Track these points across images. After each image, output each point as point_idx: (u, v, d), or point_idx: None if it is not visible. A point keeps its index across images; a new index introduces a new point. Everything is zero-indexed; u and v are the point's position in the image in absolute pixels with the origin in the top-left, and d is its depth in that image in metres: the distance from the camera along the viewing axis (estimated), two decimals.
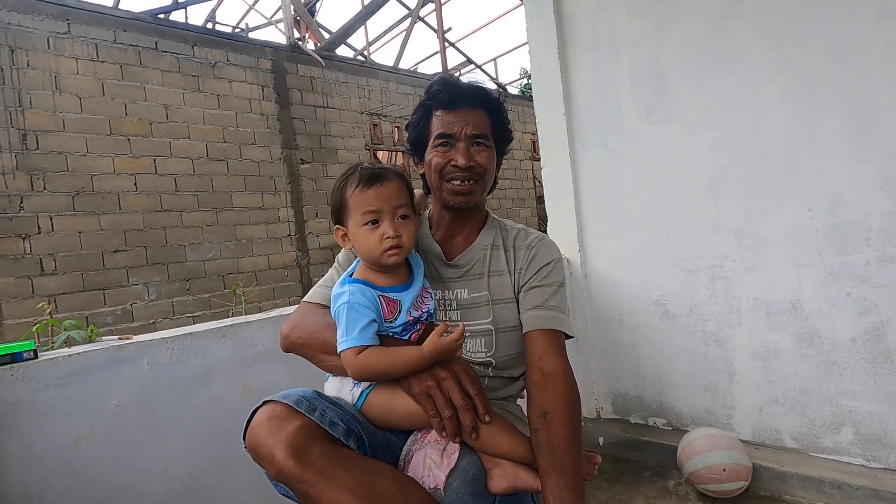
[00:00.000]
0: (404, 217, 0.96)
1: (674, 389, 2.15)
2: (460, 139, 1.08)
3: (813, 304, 1.79)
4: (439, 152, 1.09)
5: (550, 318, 1.06)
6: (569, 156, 2.33)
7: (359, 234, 0.95)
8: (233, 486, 1.36)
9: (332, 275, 1.15)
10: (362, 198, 0.93)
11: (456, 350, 0.90)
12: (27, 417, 1.09)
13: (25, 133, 4.29)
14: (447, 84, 1.11)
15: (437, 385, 0.89)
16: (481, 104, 1.12)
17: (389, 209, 0.94)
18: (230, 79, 5.57)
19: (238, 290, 4.53)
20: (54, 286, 4.38)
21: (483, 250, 1.16)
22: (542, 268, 1.12)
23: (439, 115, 1.11)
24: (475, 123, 1.09)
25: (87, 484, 1.15)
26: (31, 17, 4.36)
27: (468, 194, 1.10)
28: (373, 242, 0.93)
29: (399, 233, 0.94)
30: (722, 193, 1.95)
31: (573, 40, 2.31)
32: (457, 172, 1.08)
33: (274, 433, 0.81)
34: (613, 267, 2.28)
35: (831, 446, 1.78)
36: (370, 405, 0.95)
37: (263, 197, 5.75)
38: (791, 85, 1.77)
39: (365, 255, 0.96)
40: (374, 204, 0.93)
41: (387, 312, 0.94)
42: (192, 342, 1.33)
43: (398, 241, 0.93)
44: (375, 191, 0.93)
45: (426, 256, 1.16)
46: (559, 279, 1.13)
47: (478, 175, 1.10)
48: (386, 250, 0.93)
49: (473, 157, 1.08)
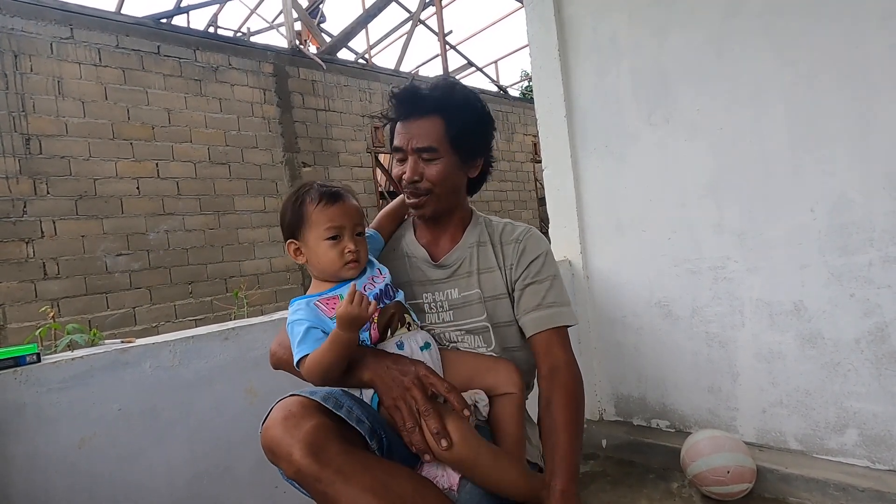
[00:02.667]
0: (361, 234, 1.02)
1: (677, 391, 2.14)
2: (409, 152, 1.09)
3: (816, 305, 1.78)
4: (397, 165, 1.12)
5: (550, 317, 1.08)
6: (570, 158, 2.33)
7: (319, 249, 0.99)
8: (236, 489, 1.36)
9: None
10: (325, 214, 0.98)
11: (363, 313, 0.87)
12: (31, 421, 1.09)
13: (29, 137, 4.31)
14: (397, 95, 1.12)
15: (402, 396, 0.89)
16: (434, 110, 1.08)
17: (350, 226, 0.99)
18: (232, 83, 5.59)
19: (240, 293, 4.54)
20: (57, 290, 4.39)
21: (469, 248, 1.15)
22: (531, 262, 1.12)
23: (396, 126, 1.13)
24: (422, 135, 1.07)
25: (91, 487, 1.15)
26: (35, 22, 4.39)
27: (420, 207, 1.12)
28: (334, 256, 0.98)
29: (357, 248, 0.99)
30: (724, 194, 1.94)
31: (574, 43, 2.31)
32: (407, 186, 1.10)
33: (291, 431, 0.81)
34: (615, 268, 2.27)
35: (836, 448, 1.77)
36: None
37: (265, 200, 5.77)
38: (793, 86, 1.77)
39: (324, 267, 1.00)
40: (338, 220, 0.98)
41: (327, 311, 0.97)
42: (195, 345, 1.33)
43: (357, 256, 0.99)
44: (338, 208, 0.99)
45: (413, 261, 1.17)
46: (552, 272, 1.14)
47: (424, 190, 1.09)
48: (346, 263, 0.98)
49: (422, 170, 1.08)
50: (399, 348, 0.99)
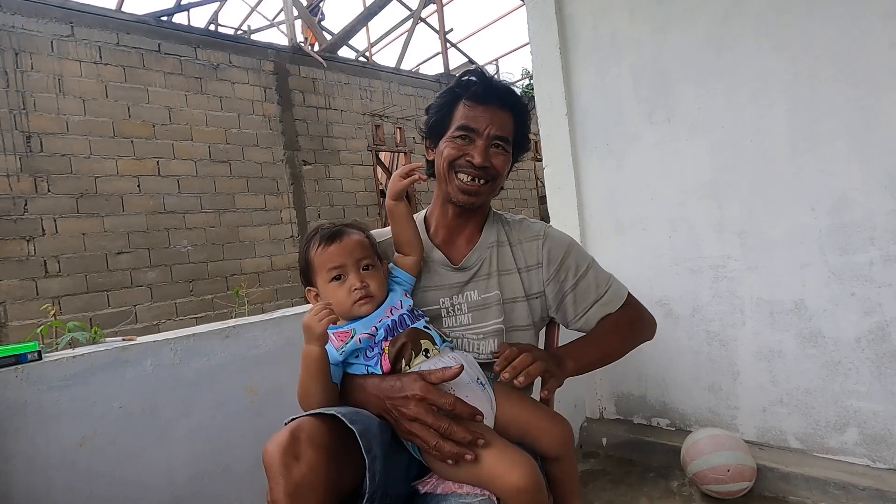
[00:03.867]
0: (368, 267, 0.97)
1: (677, 390, 2.14)
2: (481, 136, 1.03)
3: (817, 304, 1.78)
4: (456, 144, 1.04)
5: (612, 299, 1.15)
6: (571, 156, 2.33)
7: (328, 291, 0.96)
8: (236, 488, 1.36)
9: None
10: (325, 255, 0.96)
11: (314, 324, 0.86)
12: (32, 418, 1.10)
13: (30, 135, 4.31)
14: (482, 77, 1.07)
15: (413, 429, 0.85)
16: (510, 106, 1.08)
17: (353, 262, 0.95)
18: (233, 81, 5.59)
19: (241, 291, 4.54)
20: (58, 288, 4.39)
21: (489, 248, 1.12)
22: (565, 260, 1.13)
23: (467, 106, 1.05)
24: (500, 124, 1.05)
25: (91, 485, 1.16)
26: (35, 20, 4.39)
27: (475, 195, 1.06)
28: (342, 296, 0.95)
29: (366, 282, 0.95)
30: (725, 193, 1.94)
31: (575, 41, 2.31)
32: (469, 168, 1.04)
33: (285, 468, 0.77)
34: (616, 267, 2.23)
35: (836, 447, 1.77)
36: None
37: (266, 198, 5.77)
38: (794, 84, 1.76)
39: (337, 309, 0.95)
40: (337, 259, 0.95)
41: (335, 342, 0.94)
42: (195, 343, 1.33)
43: (366, 291, 0.95)
44: (336, 247, 0.96)
45: (430, 265, 1.11)
46: (587, 259, 1.17)
47: (490, 176, 1.06)
48: (356, 301, 0.94)
49: (490, 158, 1.04)
50: None
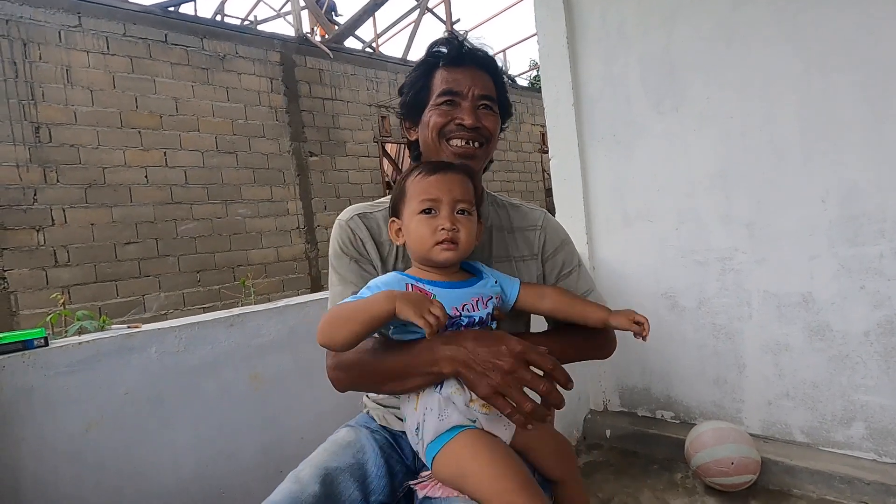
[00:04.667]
0: (464, 212, 0.86)
1: (682, 382, 2.14)
2: (466, 98, 0.98)
3: (825, 297, 1.76)
4: (441, 111, 0.98)
5: None
6: (577, 146, 2.31)
7: (412, 224, 0.86)
8: (240, 474, 1.37)
9: (337, 291, 0.98)
10: (422, 184, 0.86)
11: (425, 303, 0.74)
12: (39, 404, 1.11)
13: (38, 126, 4.34)
14: (455, 41, 1.01)
15: (509, 383, 0.75)
16: (487, 67, 1.03)
17: (449, 200, 0.84)
18: (239, 71, 5.59)
19: (247, 281, 4.57)
20: (68, 277, 4.44)
21: (486, 234, 1.06)
22: (557, 252, 1.09)
23: (445, 71, 1.00)
24: (483, 84, 1.00)
25: (98, 470, 1.17)
26: (43, 10, 4.40)
27: (471, 158, 0.99)
28: (425, 232, 0.84)
29: (456, 226, 0.83)
30: (733, 184, 1.92)
31: (582, 30, 2.28)
32: (461, 132, 0.97)
33: None
34: (622, 259, 2.26)
35: (842, 441, 1.76)
36: (440, 467, 0.81)
37: (272, 189, 5.78)
38: (805, 74, 1.73)
39: (415, 247, 0.86)
40: (433, 192, 0.84)
41: None
42: (200, 331, 1.34)
43: (453, 236, 0.83)
44: (436, 178, 0.86)
45: None
46: (577, 257, 1.12)
47: (483, 138, 1.00)
48: (438, 243, 0.83)
49: (480, 119, 0.98)
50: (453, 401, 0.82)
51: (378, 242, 1.01)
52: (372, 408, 1.10)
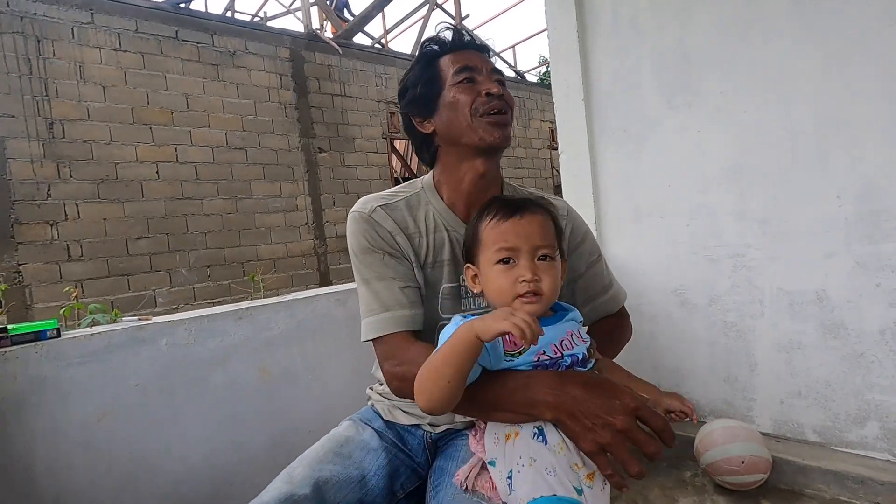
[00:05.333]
0: (546, 258, 0.79)
1: (692, 380, 2.11)
2: (482, 73, 0.97)
3: (840, 295, 1.73)
4: (463, 88, 0.95)
5: (616, 296, 1.17)
6: (587, 142, 2.29)
7: (490, 274, 0.79)
8: (250, 465, 1.38)
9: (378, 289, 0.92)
10: (497, 231, 0.79)
11: (521, 321, 0.65)
12: (52, 394, 1.12)
13: (52, 122, 4.39)
14: (453, 27, 1.03)
15: (619, 442, 0.69)
16: (485, 50, 1.04)
17: (529, 248, 0.77)
18: (249, 67, 5.61)
19: (257, 277, 4.60)
20: (81, 271, 4.50)
21: None
22: (582, 243, 1.10)
23: (450, 57, 0.99)
24: (490, 63, 1.00)
25: (110, 460, 1.19)
26: (57, 7, 4.45)
27: (506, 126, 0.95)
28: (504, 285, 0.77)
29: (538, 276, 0.76)
30: (747, 180, 1.89)
31: (594, 24, 2.25)
32: (493, 101, 0.93)
33: None
34: (632, 255, 2.24)
35: (856, 440, 1.73)
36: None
37: (282, 185, 5.81)
38: (822, 68, 1.70)
39: (495, 299, 0.80)
40: (511, 239, 0.78)
41: (507, 343, 0.76)
42: (209, 324, 1.34)
43: (536, 287, 0.76)
44: (513, 223, 0.79)
45: (456, 237, 0.98)
46: (598, 249, 1.14)
47: (509, 108, 0.97)
48: (520, 295, 0.76)
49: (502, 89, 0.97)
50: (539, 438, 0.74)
51: (408, 234, 0.97)
52: (377, 400, 1.08)
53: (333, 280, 6.14)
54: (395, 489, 0.94)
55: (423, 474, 1.00)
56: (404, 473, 0.96)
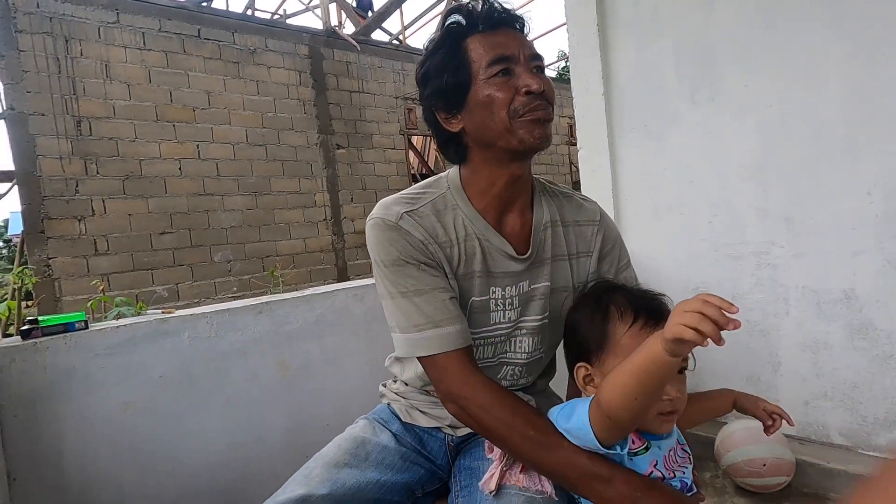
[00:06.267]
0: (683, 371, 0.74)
1: (713, 379, 2.07)
2: (519, 63, 0.82)
3: (869, 294, 1.68)
4: (498, 84, 0.81)
5: None
6: (606, 137, 2.25)
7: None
8: (269, 457, 1.41)
9: (419, 303, 0.83)
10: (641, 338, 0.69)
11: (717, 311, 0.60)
12: (79, 383, 1.16)
13: (80, 120, 4.51)
14: (480, 2, 0.86)
15: None
16: (522, 28, 0.87)
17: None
18: (269, 65, 5.68)
19: (276, 272, 4.67)
20: (107, 266, 4.63)
21: (543, 231, 0.94)
22: (612, 249, 1.02)
23: (479, 39, 0.83)
24: (529, 45, 0.84)
25: (134, 449, 1.22)
26: (84, 7, 4.56)
27: (548, 123, 0.84)
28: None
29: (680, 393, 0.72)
30: (771, 176, 1.84)
31: (614, 18, 2.22)
32: (534, 101, 0.81)
33: None
34: (652, 252, 2.20)
35: (884, 444, 1.68)
36: None
37: (300, 182, 5.88)
38: (851, 59, 1.64)
39: None
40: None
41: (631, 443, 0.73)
42: (230, 318, 1.37)
43: (675, 406, 0.71)
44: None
45: (488, 246, 0.89)
46: (627, 254, 1.06)
47: (551, 106, 0.84)
48: (662, 413, 0.71)
49: (542, 82, 0.82)
50: None
51: (440, 244, 0.87)
52: (392, 399, 1.04)
53: (351, 275, 6.19)
54: (415, 491, 0.93)
55: (444, 477, 0.97)
56: (424, 477, 0.94)
